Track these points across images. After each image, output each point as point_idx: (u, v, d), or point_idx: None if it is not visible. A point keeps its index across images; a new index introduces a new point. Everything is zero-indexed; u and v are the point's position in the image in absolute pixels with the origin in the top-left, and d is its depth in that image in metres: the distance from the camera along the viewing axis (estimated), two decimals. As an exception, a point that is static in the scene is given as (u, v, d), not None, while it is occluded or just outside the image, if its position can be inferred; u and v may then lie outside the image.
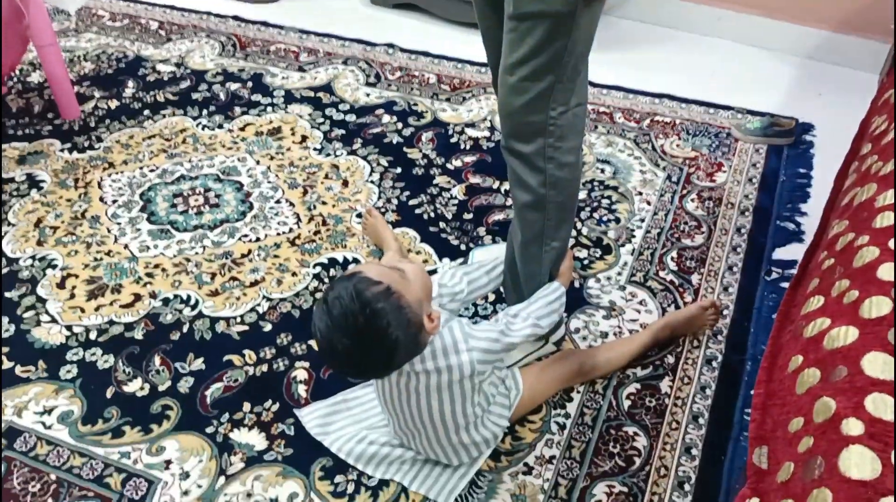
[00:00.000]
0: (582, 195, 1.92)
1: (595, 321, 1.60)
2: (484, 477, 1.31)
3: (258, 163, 2.04)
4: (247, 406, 1.43)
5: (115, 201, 1.90)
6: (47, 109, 2.24)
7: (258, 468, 1.33)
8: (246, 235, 1.81)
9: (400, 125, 2.19)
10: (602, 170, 2.03)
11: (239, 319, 1.60)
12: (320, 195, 1.93)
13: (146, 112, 2.24)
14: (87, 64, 2.47)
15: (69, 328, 1.58)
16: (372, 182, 1.98)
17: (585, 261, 1.75)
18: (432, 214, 1.88)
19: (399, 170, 2.02)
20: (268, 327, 1.58)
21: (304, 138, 2.13)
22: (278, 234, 1.81)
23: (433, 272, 1.70)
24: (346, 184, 1.97)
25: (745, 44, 2.63)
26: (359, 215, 1.87)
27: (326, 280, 1.70)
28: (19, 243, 1.78)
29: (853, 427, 0.78)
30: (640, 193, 1.96)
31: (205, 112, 2.24)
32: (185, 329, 1.58)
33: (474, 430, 1.27)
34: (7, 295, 1.65)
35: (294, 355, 1.52)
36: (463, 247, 1.78)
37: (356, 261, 1.75)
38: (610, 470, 1.32)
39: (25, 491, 1.29)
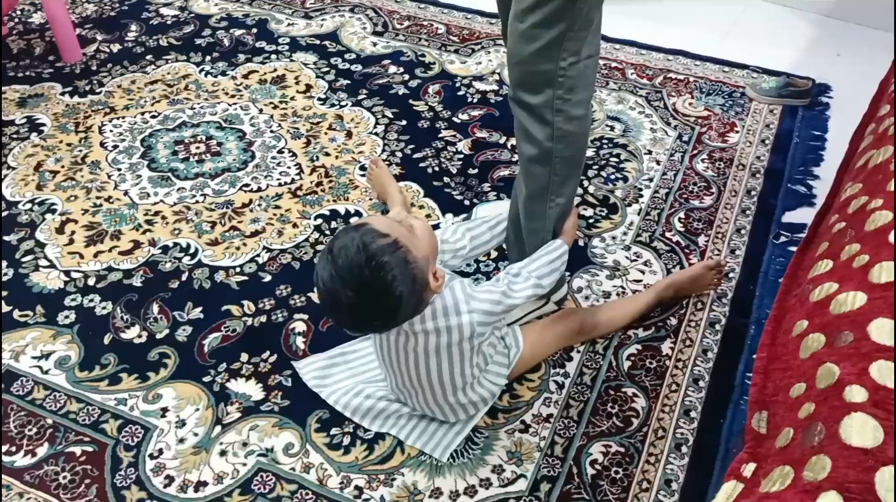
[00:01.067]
0: (590, 153, 1.89)
1: (598, 281, 1.58)
2: (480, 433, 1.30)
3: (261, 111, 2.00)
4: (244, 356, 1.42)
5: (115, 147, 1.88)
6: (48, 52, 2.20)
7: (255, 418, 1.33)
8: (247, 185, 1.78)
9: (406, 76, 2.14)
10: (611, 128, 1.99)
11: (238, 269, 1.58)
12: (323, 146, 1.90)
13: (148, 57, 2.19)
14: (90, 6, 2.42)
15: (67, 273, 1.57)
16: (376, 134, 1.95)
17: (591, 220, 1.72)
18: (437, 168, 1.85)
19: (404, 122, 1.99)
20: (267, 278, 1.57)
21: (308, 87, 2.09)
22: (280, 185, 1.78)
23: (436, 227, 1.67)
24: (349, 135, 1.94)
25: None
26: (362, 167, 1.84)
27: (328, 232, 1.68)
28: (19, 187, 1.76)
29: (856, 394, 0.76)
30: (650, 152, 1.92)
31: (208, 58, 2.19)
32: (184, 277, 1.56)
33: (471, 390, 1.26)
34: (6, 238, 1.64)
35: (293, 307, 1.51)
36: (467, 202, 1.75)
37: (358, 213, 1.72)
38: (607, 431, 1.31)
39: (22, 434, 1.30)
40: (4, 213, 1.69)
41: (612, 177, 1.84)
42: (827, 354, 0.83)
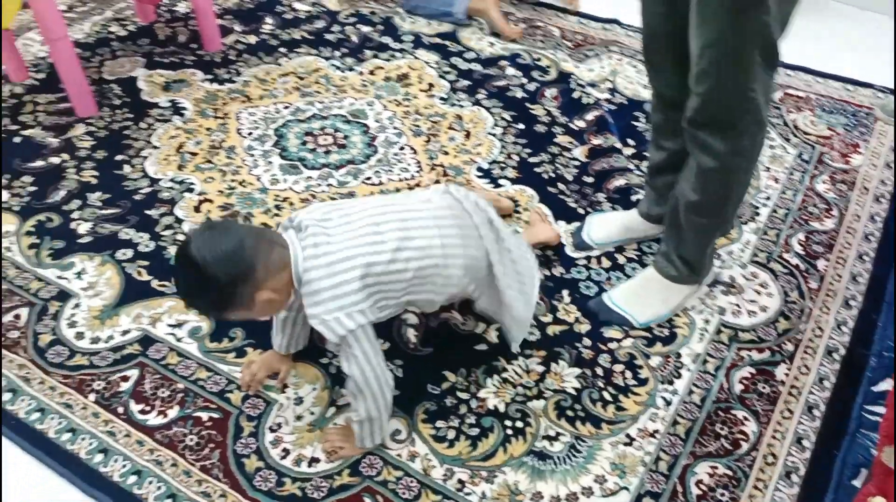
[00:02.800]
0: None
1: (713, 295, 1.56)
2: (583, 441, 1.32)
3: (385, 107, 2.07)
4: (360, 342, 1.48)
5: (250, 134, 1.99)
6: (191, 40, 2.35)
7: (366, 402, 1.39)
8: (369, 178, 1.85)
9: (524, 79, 2.17)
10: (733, 144, 1.95)
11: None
12: (443, 145, 1.95)
13: (282, 49, 2.31)
14: (230, -2, 2.56)
15: (202, 250, 1.67)
16: (493, 135, 1.98)
17: (707, 236, 1.70)
18: (552, 174, 1.86)
19: (521, 125, 2.01)
20: (384, 269, 1.63)
21: (430, 86, 2.15)
22: (400, 180, 1.85)
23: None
24: (468, 135, 1.98)
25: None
26: (479, 168, 1.87)
27: (443, 229, 1.72)
28: (161, 166, 1.89)
29: None
30: (768, 169, 1.87)
31: (337, 53, 2.28)
32: (306, 262, 1.64)
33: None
34: (148, 212, 1.77)
35: (407, 299, 1.56)
36: (581, 210, 1.76)
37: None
38: (715, 452, 1.30)
39: (155, 396, 1.40)
40: (148, 189, 1.83)
41: (732, 194, 1.81)
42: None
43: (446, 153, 1.92)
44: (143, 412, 1.38)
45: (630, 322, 1.50)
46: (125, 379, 1.43)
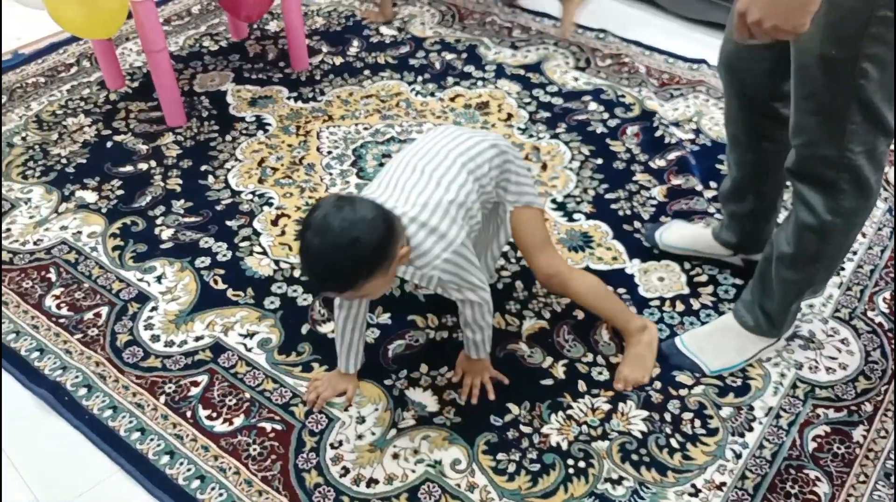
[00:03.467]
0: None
1: (790, 349, 1.51)
2: (647, 488, 1.29)
3: (463, 134, 2.09)
4: (424, 367, 1.49)
5: (329, 152, 2.03)
6: (280, 58, 2.42)
7: (427, 429, 1.38)
8: (443, 203, 1.86)
9: (606, 115, 2.16)
10: (818, 193, 1.89)
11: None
12: (519, 174, 1.95)
13: (366, 72, 2.35)
14: (319, 19, 2.63)
15: (277, 262, 1.71)
16: (570, 169, 1.97)
17: (786, 287, 1.64)
18: (628, 212, 1.84)
19: (600, 161, 2.00)
20: (453, 295, 1.63)
21: (509, 116, 2.16)
22: (474, 207, 1.85)
23: (621, 271, 1.68)
24: (545, 167, 1.98)
25: None
26: (554, 201, 1.86)
27: (513, 259, 1.72)
28: (243, 178, 1.95)
29: None
30: (856, 223, 1.81)
31: (419, 79, 2.32)
32: (377, 283, 1.66)
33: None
34: (228, 223, 1.82)
35: (474, 327, 1.56)
36: (656, 251, 1.73)
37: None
38: (784, 510, 1.25)
39: (223, 403, 1.43)
40: (229, 201, 1.88)
41: (814, 244, 1.75)
42: None
43: (521, 184, 1.92)
44: (210, 418, 1.40)
45: (701, 368, 1.46)
46: (195, 384, 1.46)
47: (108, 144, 2.08)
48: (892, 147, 1.27)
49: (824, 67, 1.10)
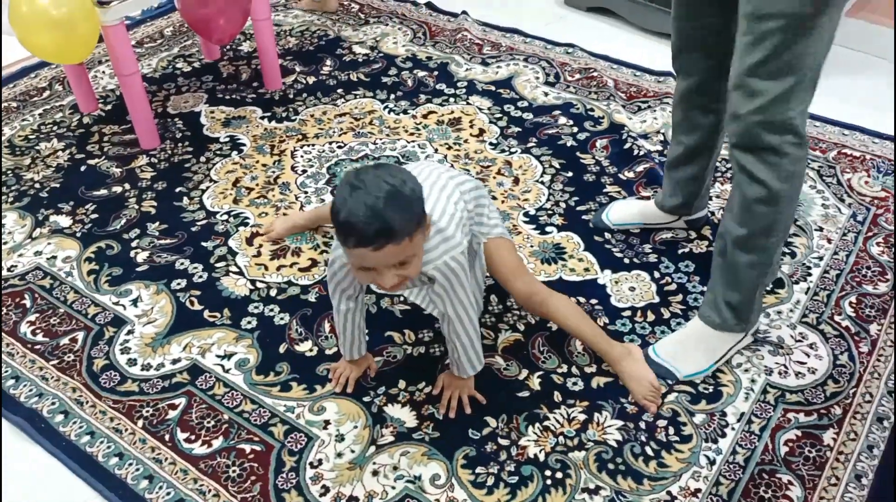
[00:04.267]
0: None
1: (760, 355, 1.54)
2: (624, 497, 1.31)
3: (436, 151, 2.11)
4: (402, 383, 1.50)
5: (304, 171, 2.04)
6: (253, 78, 2.43)
7: (406, 444, 1.39)
8: (418, 219, 1.88)
9: (575, 129, 2.19)
10: (784, 201, 1.94)
11: (402, 299, 1.68)
12: (491, 189, 1.98)
13: (339, 90, 2.37)
14: (292, 39, 2.65)
15: (253, 283, 1.72)
16: (542, 183, 2.00)
17: (755, 294, 1.68)
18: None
19: (570, 174, 2.03)
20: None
21: (481, 131, 2.19)
22: (448, 223, 1.87)
23: (594, 281, 1.70)
24: (517, 181, 2.01)
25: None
26: (526, 214, 1.89)
27: (487, 273, 1.73)
28: (218, 199, 1.95)
29: None
30: (821, 229, 1.85)
31: (392, 96, 2.34)
32: (353, 300, 1.67)
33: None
34: (203, 244, 1.82)
35: (451, 342, 1.58)
36: (627, 261, 1.76)
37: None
38: (757, 514, 1.28)
39: (202, 425, 1.43)
40: (204, 222, 1.88)
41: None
42: None
43: (494, 198, 1.95)
44: (188, 441, 1.40)
45: (674, 374, 1.49)
46: (173, 407, 1.46)
47: (82, 168, 2.08)
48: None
49: (796, 27, 1.15)
